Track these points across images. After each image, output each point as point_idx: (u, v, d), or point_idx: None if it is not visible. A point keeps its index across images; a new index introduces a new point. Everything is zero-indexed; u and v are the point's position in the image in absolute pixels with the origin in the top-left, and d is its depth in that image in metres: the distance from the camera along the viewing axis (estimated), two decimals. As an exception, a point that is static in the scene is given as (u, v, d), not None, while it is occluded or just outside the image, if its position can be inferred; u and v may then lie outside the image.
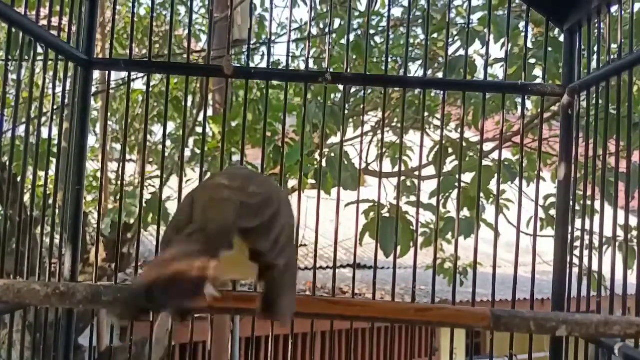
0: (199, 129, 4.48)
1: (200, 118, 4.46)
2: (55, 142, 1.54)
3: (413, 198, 3.74)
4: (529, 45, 3.45)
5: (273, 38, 4.83)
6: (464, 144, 2.79)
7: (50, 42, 1.34)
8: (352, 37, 3.91)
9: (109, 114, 4.30)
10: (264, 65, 4.75)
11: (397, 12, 5.37)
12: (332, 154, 3.27)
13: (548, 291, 1.48)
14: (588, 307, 1.37)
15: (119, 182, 4.17)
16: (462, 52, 4.06)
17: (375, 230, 2.71)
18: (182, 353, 5.38)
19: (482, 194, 3.31)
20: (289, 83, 1.77)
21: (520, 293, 1.51)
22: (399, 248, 2.85)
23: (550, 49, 1.79)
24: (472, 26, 3.46)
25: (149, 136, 5.68)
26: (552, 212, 3.68)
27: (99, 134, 5.67)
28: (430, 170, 4.19)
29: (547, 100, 1.82)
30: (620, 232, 1.33)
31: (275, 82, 1.97)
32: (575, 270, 1.43)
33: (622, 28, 1.28)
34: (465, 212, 3.39)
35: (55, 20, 1.42)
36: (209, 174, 3.45)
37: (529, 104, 4.40)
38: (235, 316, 3.04)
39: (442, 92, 1.64)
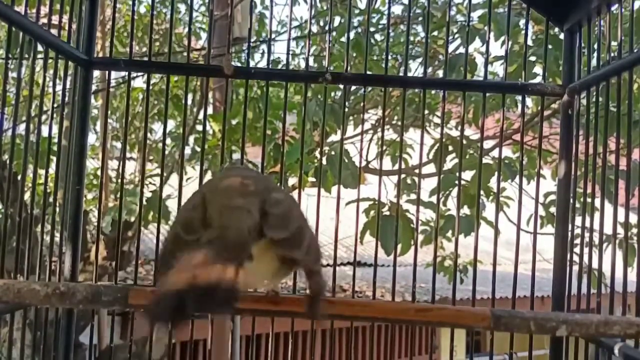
0: (199, 127, 4.48)
1: (201, 116, 4.46)
2: (56, 140, 1.54)
3: (413, 196, 3.74)
4: (529, 43, 3.45)
5: (273, 36, 4.82)
6: (464, 142, 2.78)
7: (50, 42, 1.34)
8: (352, 35, 3.90)
9: (109, 112, 4.30)
10: (264, 62, 4.75)
11: (397, 9, 5.36)
12: (332, 152, 3.27)
13: (548, 289, 1.48)
14: (588, 305, 1.37)
15: (119, 180, 4.17)
16: (462, 49, 4.06)
17: (375, 228, 2.71)
18: (182, 351, 5.38)
19: (482, 192, 3.31)
20: (289, 82, 1.77)
21: (520, 291, 1.51)
22: (399, 246, 2.85)
23: (550, 46, 1.79)
24: (472, 24, 3.45)
25: (149, 134, 5.67)
26: (552, 209, 3.68)
27: (99, 132, 5.67)
28: (430, 168, 4.18)
29: (548, 98, 1.82)
30: (620, 230, 1.34)
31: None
32: (575, 268, 1.43)
33: (622, 27, 1.28)
34: (466, 210, 3.39)
35: (55, 19, 1.42)
36: (209, 172, 3.45)
37: (529, 102, 4.40)
38: (236, 315, 3.04)
39: (442, 91, 1.64)
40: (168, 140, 4.52)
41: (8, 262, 1.30)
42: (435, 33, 4.07)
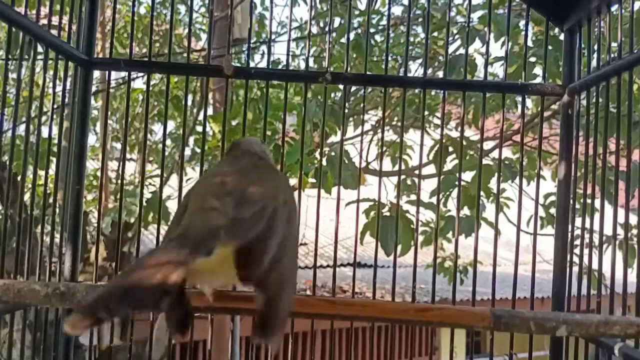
0: (199, 128, 4.48)
1: (201, 117, 4.46)
2: (56, 141, 1.54)
3: (413, 197, 3.74)
4: (529, 43, 3.45)
5: (273, 37, 4.83)
6: (464, 143, 2.78)
7: (50, 42, 1.34)
8: (352, 36, 3.91)
9: (109, 113, 4.30)
10: (264, 63, 4.75)
11: (397, 10, 5.37)
12: (333, 153, 3.27)
13: (548, 290, 1.48)
14: (588, 306, 1.37)
15: (119, 181, 4.16)
16: (462, 50, 4.06)
17: (375, 229, 2.71)
18: (182, 352, 5.38)
19: (482, 193, 3.31)
20: (289, 82, 1.77)
21: (520, 292, 1.51)
22: (399, 247, 2.85)
23: (550, 47, 1.79)
24: (472, 25, 3.45)
25: (149, 135, 5.67)
26: (552, 210, 3.68)
27: (99, 133, 5.67)
28: (430, 169, 4.18)
29: (547, 98, 1.82)
30: (620, 231, 1.33)
31: (275, 82, 1.97)
32: (576, 269, 1.43)
33: (622, 27, 1.28)
34: (466, 211, 3.39)
35: (55, 20, 1.42)
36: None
37: (529, 103, 4.41)
38: (235, 315, 3.04)
39: (442, 91, 1.64)
40: (168, 141, 4.53)
41: (8, 263, 1.30)
42: (435, 34, 4.07)
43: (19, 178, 1.59)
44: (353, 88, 4.00)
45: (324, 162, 3.19)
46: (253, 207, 0.90)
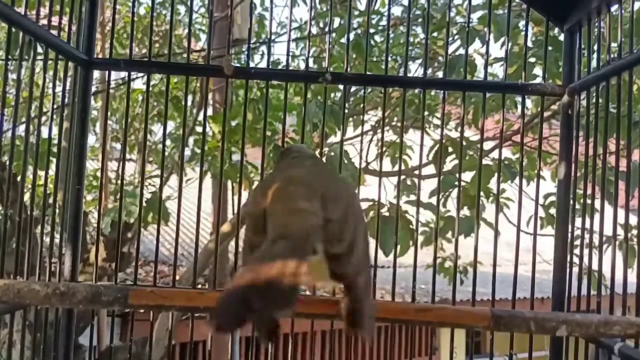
0: (199, 129, 4.48)
1: (200, 117, 4.46)
2: (55, 141, 1.54)
3: (413, 197, 3.73)
4: (529, 44, 3.44)
5: (273, 37, 4.83)
6: (464, 143, 2.78)
7: (50, 42, 1.34)
8: (352, 36, 3.90)
9: (108, 114, 4.30)
10: (263, 64, 4.75)
11: (397, 11, 5.36)
12: (332, 153, 3.27)
13: (548, 290, 1.48)
14: (588, 306, 1.37)
15: (119, 182, 4.17)
16: (462, 51, 4.06)
17: (375, 229, 2.71)
18: (182, 352, 5.38)
19: (482, 193, 3.31)
20: (289, 82, 1.78)
21: (520, 292, 1.51)
22: (398, 247, 2.84)
23: (550, 47, 1.79)
24: (472, 25, 3.45)
25: (148, 135, 5.67)
26: (552, 211, 3.68)
27: (99, 133, 5.67)
28: (430, 169, 4.18)
29: (547, 99, 1.82)
30: (620, 231, 1.33)
31: (275, 82, 1.97)
32: (576, 269, 1.43)
33: (622, 28, 1.28)
34: (465, 211, 3.38)
35: (55, 20, 1.42)
36: (209, 174, 3.44)
37: (529, 103, 4.40)
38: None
39: (442, 92, 1.64)
40: (168, 142, 4.52)
41: (8, 264, 1.29)
42: (435, 34, 4.07)
43: (18, 178, 1.59)
44: (353, 88, 4.00)
45: (324, 162, 3.18)
46: (338, 208, 0.94)
